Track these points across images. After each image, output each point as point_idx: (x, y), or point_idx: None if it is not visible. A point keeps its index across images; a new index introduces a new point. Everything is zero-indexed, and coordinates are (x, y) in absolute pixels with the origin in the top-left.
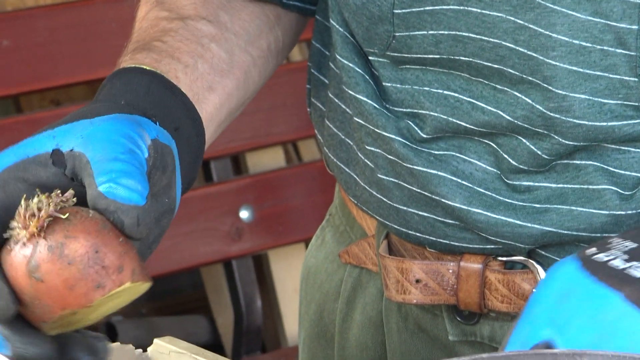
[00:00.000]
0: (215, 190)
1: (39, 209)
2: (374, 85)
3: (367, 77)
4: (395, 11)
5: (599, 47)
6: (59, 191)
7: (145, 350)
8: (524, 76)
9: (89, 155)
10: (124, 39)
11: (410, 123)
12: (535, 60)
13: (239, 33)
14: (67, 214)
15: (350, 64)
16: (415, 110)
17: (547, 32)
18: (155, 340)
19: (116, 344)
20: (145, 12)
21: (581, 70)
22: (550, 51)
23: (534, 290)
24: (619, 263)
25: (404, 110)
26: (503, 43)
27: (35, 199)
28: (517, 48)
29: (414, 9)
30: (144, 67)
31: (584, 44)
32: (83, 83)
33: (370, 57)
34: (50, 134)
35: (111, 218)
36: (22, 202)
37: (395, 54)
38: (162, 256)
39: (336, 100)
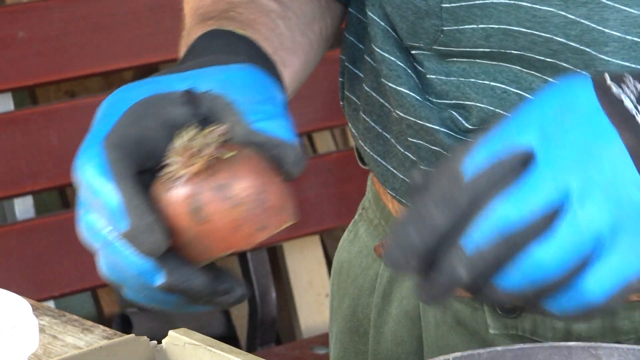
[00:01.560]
0: None
1: (202, 148)
2: (416, 78)
3: (409, 71)
4: (444, 5)
5: None
6: (217, 127)
7: (159, 342)
8: (578, 70)
9: (229, 97)
10: (138, 30)
11: (455, 114)
12: (589, 55)
13: (298, 14)
14: (230, 153)
15: (392, 57)
16: (461, 102)
17: (600, 28)
18: (170, 332)
19: (131, 336)
20: None
21: (634, 66)
22: (603, 46)
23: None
24: (630, 105)
25: (449, 102)
26: (555, 38)
27: (198, 136)
28: (569, 43)
29: (463, 3)
30: (237, 31)
31: (636, 39)
32: (98, 74)
33: (413, 51)
34: (181, 75)
35: (270, 154)
36: (181, 138)
37: (443, 48)
38: None
39: (373, 94)
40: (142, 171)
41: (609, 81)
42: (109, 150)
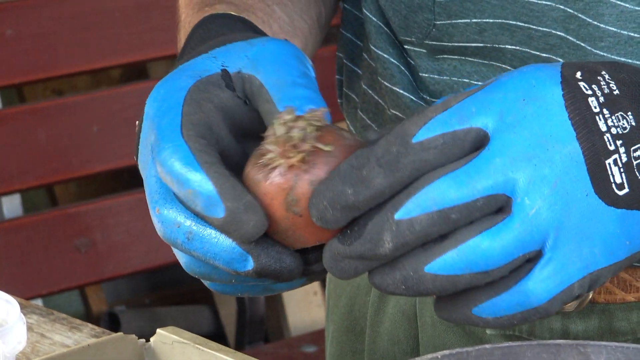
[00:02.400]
0: None
1: (303, 138)
2: (410, 77)
3: (403, 68)
4: None
5: None
6: (314, 112)
7: (148, 341)
8: None
9: (261, 78)
10: (126, 29)
11: None
12: (584, 51)
13: (293, 1)
14: (329, 145)
15: (385, 55)
16: None
17: (596, 23)
18: (158, 331)
19: (119, 334)
20: None
21: (630, 61)
22: (598, 42)
23: (500, 76)
24: (594, 104)
25: None
26: (553, 32)
27: (298, 124)
28: (568, 37)
29: None
30: (234, 14)
31: (632, 34)
32: (86, 72)
33: (406, 46)
34: (209, 54)
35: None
36: (279, 125)
37: (435, 43)
38: (165, 246)
39: (370, 92)
40: None
41: (579, 76)
42: (189, 140)
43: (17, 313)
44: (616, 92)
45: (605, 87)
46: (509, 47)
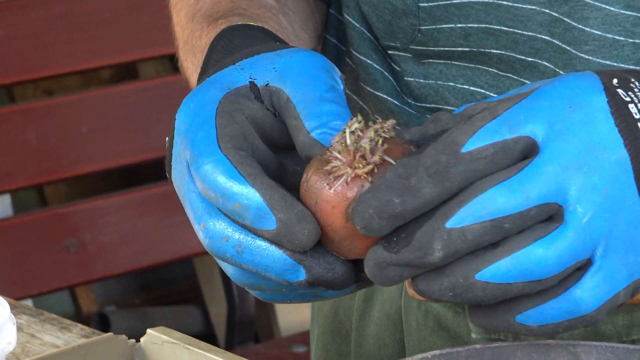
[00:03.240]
0: None
1: (371, 150)
2: (394, 82)
3: (386, 74)
4: (421, 4)
5: (631, 40)
6: (384, 124)
7: (138, 341)
8: (557, 70)
9: (288, 92)
10: (116, 29)
11: None
12: (569, 54)
13: (294, 10)
14: (396, 159)
15: (368, 60)
16: (440, 106)
17: (581, 26)
18: (148, 331)
19: (109, 335)
20: None
21: (614, 64)
22: (583, 45)
23: (542, 84)
24: (635, 110)
25: (428, 105)
26: (538, 36)
27: (367, 134)
28: (554, 41)
29: (440, 2)
30: (253, 24)
31: (617, 37)
32: (76, 73)
33: (390, 52)
34: (237, 66)
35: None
36: (349, 133)
37: (420, 48)
38: (155, 247)
39: (353, 97)
40: None
41: (615, 83)
42: (228, 153)
43: (7, 313)
44: None
45: (639, 93)
46: (495, 51)
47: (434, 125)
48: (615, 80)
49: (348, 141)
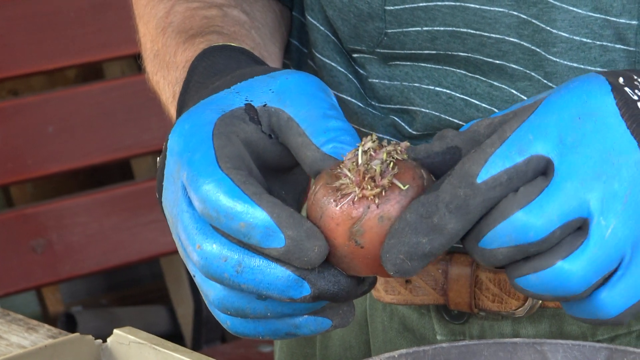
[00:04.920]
0: None
1: (381, 171)
2: (358, 84)
3: (350, 76)
4: (387, 8)
5: (598, 42)
6: (398, 147)
7: (105, 341)
8: (526, 71)
9: (289, 112)
10: (81, 28)
11: (397, 119)
12: (538, 56)
13: (263, 24)
14: (406, 186)
15: (332, 63)
16: (405, 107)
17: (549, 28)
18: (115, 331)
19: (76, 335)
20: (168, 7)
21: (582, 66)
22: (551, 47)
23: (547, 95)
24: None
25: (392, 106)
26: (506, 38)
27: (379, 155)
28: (522, 43)
29: (407, 6)
30: (232, 44)
31: (584, 40)
32: (42, 73)
33: (354, 55)
34: (232, 90)
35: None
36: (361, 152)
37: (386, 51)
38: (122, 247)
39: None
40: None
41: (622, 82)
42: (229, 173)
43: None
44: None
45: None
46: (462, 54)
47: (440, 142)
48: (621, 79)
49: (360, 160)
